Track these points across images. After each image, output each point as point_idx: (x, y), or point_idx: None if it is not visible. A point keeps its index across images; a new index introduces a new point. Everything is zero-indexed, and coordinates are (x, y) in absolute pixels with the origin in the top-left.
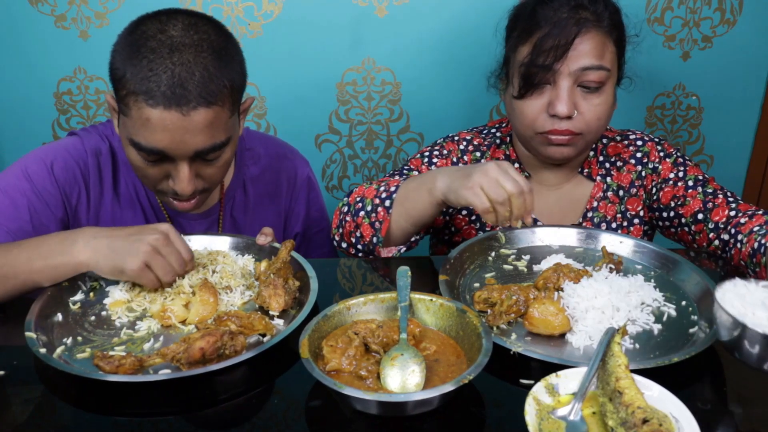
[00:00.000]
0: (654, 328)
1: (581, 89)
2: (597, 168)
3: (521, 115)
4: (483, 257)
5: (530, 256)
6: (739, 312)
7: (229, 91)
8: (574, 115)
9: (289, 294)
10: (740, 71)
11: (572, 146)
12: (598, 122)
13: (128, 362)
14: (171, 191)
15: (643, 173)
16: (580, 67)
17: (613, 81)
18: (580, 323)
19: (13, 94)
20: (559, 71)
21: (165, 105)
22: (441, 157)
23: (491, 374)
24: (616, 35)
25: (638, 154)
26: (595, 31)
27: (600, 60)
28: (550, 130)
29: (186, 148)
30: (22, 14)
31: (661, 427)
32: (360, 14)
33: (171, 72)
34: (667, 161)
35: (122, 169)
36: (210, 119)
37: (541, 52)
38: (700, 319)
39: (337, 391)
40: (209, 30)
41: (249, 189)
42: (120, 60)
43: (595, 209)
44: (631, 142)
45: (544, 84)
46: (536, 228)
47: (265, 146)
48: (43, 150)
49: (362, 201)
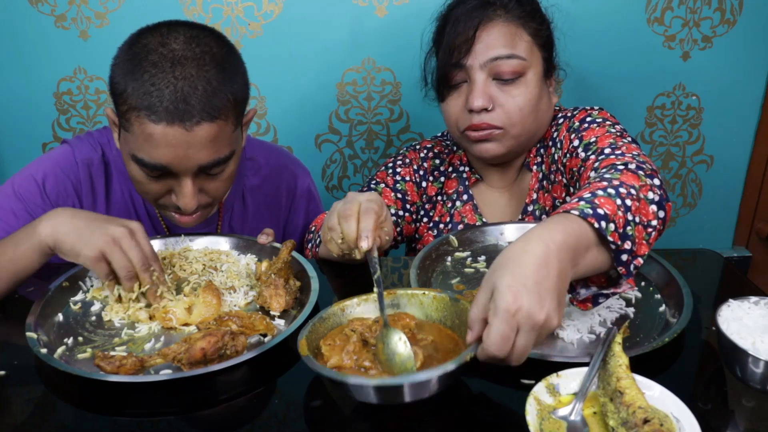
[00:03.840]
0: (629, 312)
1: (498, 82)
2: (534, 156)
3: (447, 117)
4: (442, 264)
5: (486, 257)
6: (741, 338)
7: (232, 104)
8: (490, 108)
9: (290, 294)
10: (740, 71)
11: (496, 141)
12: (520, 113)
13: (129, 362)
14: (173, 206)
15: (556, 155)
16: (489, 58)
17: (536, 72)
18: (566, 318)
19: (13, 94)
20: (469, 66)
21: (168, 121)
22: (404, 166)
23: (491, 374)
24: (532, 26)
25: (555, 133)
26: (501, 22)
27: (511, 49)
28: (468, 126)
29: (189, 163)
30: (22, 14)
31: (662, 427)
32: (360, 14)
33: (173, 87)
34: (568, 133)
35: (116, 178)
36: (214, 134)
37: (450, 51)
38: (663, 297)
39: (338, 386)
40: (211, 42)
41: (248, 199)
42: (120, 74)
43: (534, 201)
44: (555, 121)
45: (461, 82)
46: (484, 228)
47: (267, 156)
48: (33, 167)
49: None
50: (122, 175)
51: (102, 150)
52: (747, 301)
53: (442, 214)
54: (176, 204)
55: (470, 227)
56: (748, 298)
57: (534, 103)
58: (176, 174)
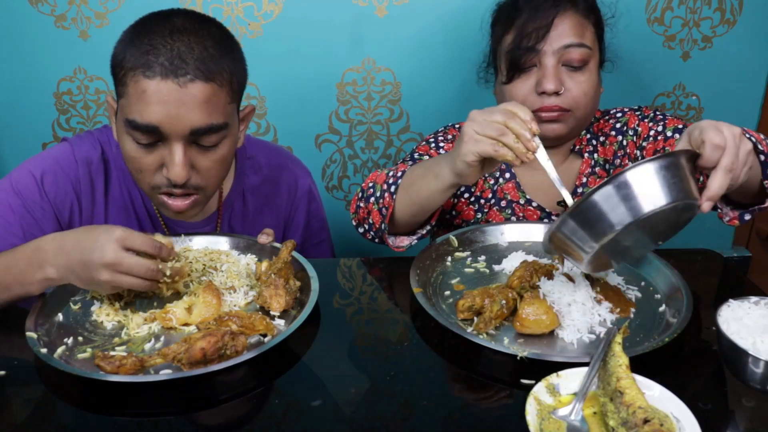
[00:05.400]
0: (629, 312)
1: (566, 68)
2: (586, 145)
3: (511, 99)
4: (442, 264)
5: (485, 257)
6: (741, 338)
7: (228, 75)
8: (561, 91)
9: (290, 294)
10: (740, 71)
11: (562, 123)
12: (585, 98)
13: (129, 362)
14: (165, 183)
15: (624, 141)
16: (562, 45)
17: (596, 61)
18: (566, 318)
19: (13, 94)
20: (543, 51)
21: (162, 75)
22: (446, 142)
23: (491, 374)
24: (593, 18)
25: (618, 125)
26: (572, 12)
27: (581, 38)
28: (540, 108)
29: (181, 124)
30: (22, 14)
31: (662, 427)
32: (360, 14)
33: (170, 46)
34: (645, 121)
35: (115, 177)
36: (207, 95)
37: (524, 36)
38: (663, 297)
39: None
40: (212, 25)
41: (248, 198)
42: (121, 47)
43: (584, 185)
44: (611, 116)
45: (531, 66)
46: (484, 228)
47: (267, 155)
48: (32, 162)
49: (374, 187)
50: (122, 173)
51: (102, 149)
52: (747, 301)
53: (483, 189)
54: (168, 178)
55: (470, 227)
56: (748, 298)
57: (595, 90)
58: (168, 140)
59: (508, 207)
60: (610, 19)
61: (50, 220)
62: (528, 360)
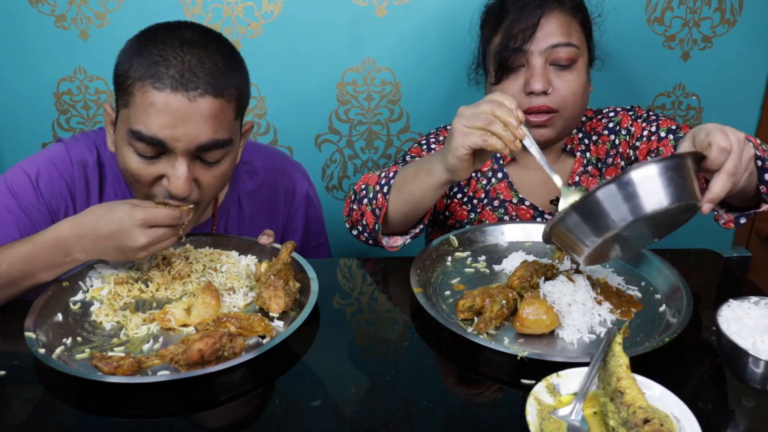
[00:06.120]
0: (632, 314)
1: (554, 67)
2: (578, 144)
3: None
4: (442, 264)
5: (485, 257)
6: (741, 338)
7: (236, 91)
8: (549, 91)
9: (289, 295)
10: (740, 71)
11: (550, 127)
12: (573, 97)
13: (127, 363)
14: (163, 194)
15: (617, 141)
16: (549, 45)
17: (585, 60)
18: (566, 318)
19: (13, 94)
20: (530, 51)
21: (172, 88)
22: (438, 143)
23: (492, 374)
24: (580, 17)
25: (611, 124)
26: (558, 12)
27: (567, 38)
28: (528, 108)
29: (188, 139)
30: (22, 14)
31: (662, 427)
32: (360, 14)
33: (181, 59)
34: (638, 121)
35: (110, 181)
36: (215, 110)
37: (511, 37)
38: (663, 297)
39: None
40: (219, 39)
41: (244, 204)
42: (126, 56)
43: (576, 184)
44: (604, 115)
45: (519, 66)
46: (484, 228)
47: (263, 159)
48: (27, 163)
49: (366, 188)
50: (117, 178)
51: (98, 151)
52: (747, 301)
53: (476, 190)
54: (167, 190)
55: (470, 227)
56: (748, 298)
57: (583, 89)
58: (172, 153)
59: (501, 207)
60: (597, 18)
61: (45, 221)
62: (528, 360)
